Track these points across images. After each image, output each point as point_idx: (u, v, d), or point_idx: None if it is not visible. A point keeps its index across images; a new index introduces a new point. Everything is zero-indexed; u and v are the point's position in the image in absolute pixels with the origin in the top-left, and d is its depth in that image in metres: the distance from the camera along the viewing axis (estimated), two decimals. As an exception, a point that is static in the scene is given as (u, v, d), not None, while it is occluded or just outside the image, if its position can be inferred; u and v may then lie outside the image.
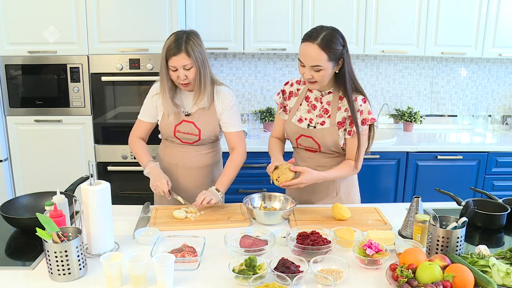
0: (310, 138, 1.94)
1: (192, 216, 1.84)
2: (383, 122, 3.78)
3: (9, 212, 1.70)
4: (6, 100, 2.97)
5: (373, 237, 1.58)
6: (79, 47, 2.90)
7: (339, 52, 1.77)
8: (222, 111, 2.04)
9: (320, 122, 1.92)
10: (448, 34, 3.30)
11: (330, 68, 1.77)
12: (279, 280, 1.33)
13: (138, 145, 2.11)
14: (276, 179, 1.82)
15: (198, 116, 2.02)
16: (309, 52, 1.74)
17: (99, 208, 1.49)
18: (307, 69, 1.78)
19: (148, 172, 2.01)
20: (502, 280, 1.32)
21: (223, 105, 2.03)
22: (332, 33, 1.76)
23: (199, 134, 2.03)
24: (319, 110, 1.93)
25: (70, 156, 3.04)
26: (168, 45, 1.89)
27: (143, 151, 2.09)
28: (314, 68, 1.76)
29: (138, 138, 2.13)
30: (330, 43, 1.73)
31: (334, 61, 1.77)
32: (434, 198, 2.13)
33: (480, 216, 1.79)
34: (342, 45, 1.77)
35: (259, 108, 3.70)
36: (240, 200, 1.96)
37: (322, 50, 1.73)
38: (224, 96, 2.03)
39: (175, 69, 1.90)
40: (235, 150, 2.08)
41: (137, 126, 2.13)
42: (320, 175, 1.86)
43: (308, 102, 1.96)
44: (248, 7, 3.18)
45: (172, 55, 1.87)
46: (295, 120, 1.97)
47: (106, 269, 1.32)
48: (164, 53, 1.90)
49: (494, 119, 3.81)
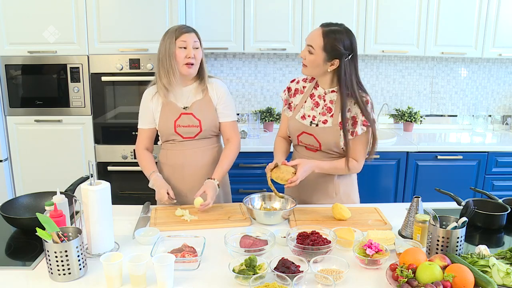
0: (311, 136, 1.94)
1: (188, 217, 1.83)
2: (383, 122, 3.78)
3: (9, 212, 1.70)
4: (6, 100, 2.97)
5: (373, 237, 1.58)
6: (79, 47, 2.90)
7: (337, 50, 1.78)
8: (218, 100, 2.07)
9: (322, 121, 1.92)
10: (448, 34, 3.30)
11: (321, 57, 1.81)
12: (279, 280, 1.33)
13: (143, 157, 2.11)
14: (275, 178, 1.82)
15: (196, 107, 2.04)
16: (313, 33, 1.84)
17: (99, 208, 1.49)
18: (305, 47, 1.86)
19: (152, 185, 2.03)
20: (502, 280, 1.32)
21: (218, 94, 2.07)
22: (343, 32, 1.81)
23: (200, 125, 2.03)
24: (321, 108, 1.93)
25: (70, 156, 3.04)
26: (177, 27, 1.98)
27: (147, 163, 2.09)
28: (308, 48, 1.83)
29: (143, 149, 2.12)
30: (334, 38, 1.78)
31: (328, 55, 1.80)
32: (434, 198, 2.13)
33: (480, 216, 1.79)
34: (345, 47, 1.79)
35: (259, 108, 3.70)
36: (240, 200, 1.96)
37: (323, 36, 1.80)
38: (217, 86, 2.08)
39: (185, 47, 1.94)
40: (231, 141, 2.11)
41: (140, 137, 2.13)
42: (316, 163, 1.87)
43: (312, 99, 1.96)
44: (248, 7, 3.18)
45: (185, 32, 1.95)
46: (299, 116, 1.97)
47: (106, 269, 1.32)
48: (172, 34, 1.96)
49: (494, 119, 3.81)
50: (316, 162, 1.88)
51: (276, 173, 1.82)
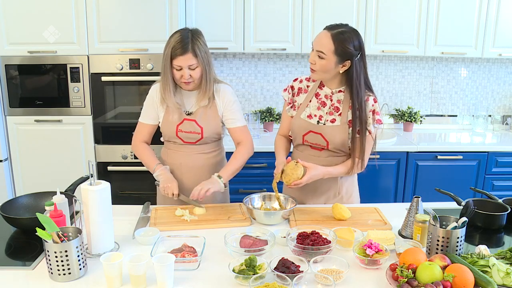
0: (319, 135, 1.93)
1: (188, 217, 1.84)
2: (383, 122, 3.77)
3: (9, 212, 1.70)
4: (6, 100, 2.97)
5: (373, 237, 1.58)
6: (79, 47, 2.90)
7: (348, 52, 1.78)
8: (224, 108, 2.03)
9: (330, 120, 1.92)
10: (448, 34, 3.30)
11: (333, 61, 1.79)
12: (279, 280, 1.33)
13: (142, 149, 2.10)
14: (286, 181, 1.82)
15: (199, 114, 2.02)
16: (321, 37, 1.81)
17: (99, 208, 1.49)
18: (313, 53, 1.83)
19: (158, 175, 2.01)
20: (502, 280, 1.32)
21: (224, 102, 2.03)
22: (351, 32, 1.80)
23: (202, 132, 2.02)
24: (329, 107, 1.93)
25: (70, 156, 3.04)
26: (174, 44, 1.87)
27: (149, 155, 2.08)
28: (318, 53, 1.80)
29: (141, 142, 2.11)
30: (343, 39, 1.77)
31: (339, 57, 1.79)
32: (434, 198, 2.13)
33: (480, 216, 1.79)
34: (355, 48, 1.79)
35: (259, 108, 3.70)
36: (240, 200, 1.96)
37: (332, 40, 1.77)
38: (224, 93, 2.03)
39: (180, 69, 1.89)
40: (241, 144, 2.07)
41: (139, 130, 2.11)
42: (326, 170, 1.88)
43: (318, 99, 1.96)
44: (248, 7, 3.18)
45: (179, 54, 1.86)
46: (304, 116, 1.97)
47: (106, 269, 1.32)
48: (169, 52, 1.88)
49: (494, 119, 3.81)
50: (326, 170, 1.88)
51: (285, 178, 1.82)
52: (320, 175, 1.86)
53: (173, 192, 1.94)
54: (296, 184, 1.80)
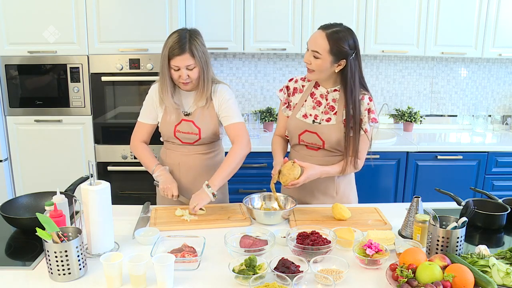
0: (314, 134, 1.93)
1: (188, 217, 1.83)
2: (383, 122, 3.78)
3: (9, 212, 1.70)
4: (6, 100, 2.97)
5: (373, 237, 1.58)
6: (79, 47, 2.90)
7: (343, 51, 1.78)
8: (219, 106, 2.01)
9: (325, 119, 1.92)
10: (448, 34, 3.30)
11: (328, 61, 1.80)
12: (279, 280, 1.33)
13: (141, 149, 2.09)
14: (283, 182, 1.82)
15: (197, 115, 2.01)
16: (315, 37, 1.81)
17: (99, 208, 1.49)
18: (308, 53, 1.83)
19: (157, 176, 2.00)
20: (502, 280, 1.32)
21: (220, 100, 2.01)
22: (346, 32, 1.80)
23: (199, 133, 2.02)
24: (324, 107, 1.93)
25: (70, 156, 3.04)
26: (172, 44, 1.86)
27: (148, 155, 2.07)
28: (313, 53, 1.81)
29: (140, 141, 2.10)
30: (338, 38, 1.77)
31: (335, 57, 1.79)
32: (434, 198, 2.13)
33: (480, 216, 1.79)
34: (350, 47, 1.79)
35: (259, 108, 3.70)
36: (240, 200, 1.96)
37: (327, 40, 1.78)
38: (221, 92, 2.01)
39: (178, 69, 1.89)
40: (235, 142, 2.00)
41: (138, 129, 2.11)
42: (323, 169, 1.88)
43: (313, 98, 1.96)
44: (248, 7, 3.18)
45: (176, 55, 1.86)
46: (300, 115, 1.97)
47: (106, 269, 1.32)
48: (166, 52, 1.87)
49: (494, 119, 3.81)
50: (323, 169, 1.88)
51: (282, 179, 1.82)
52: (317, 174, 1.86)
53: (172, 193, 1.95)
54: (293, 184, 1.81)
